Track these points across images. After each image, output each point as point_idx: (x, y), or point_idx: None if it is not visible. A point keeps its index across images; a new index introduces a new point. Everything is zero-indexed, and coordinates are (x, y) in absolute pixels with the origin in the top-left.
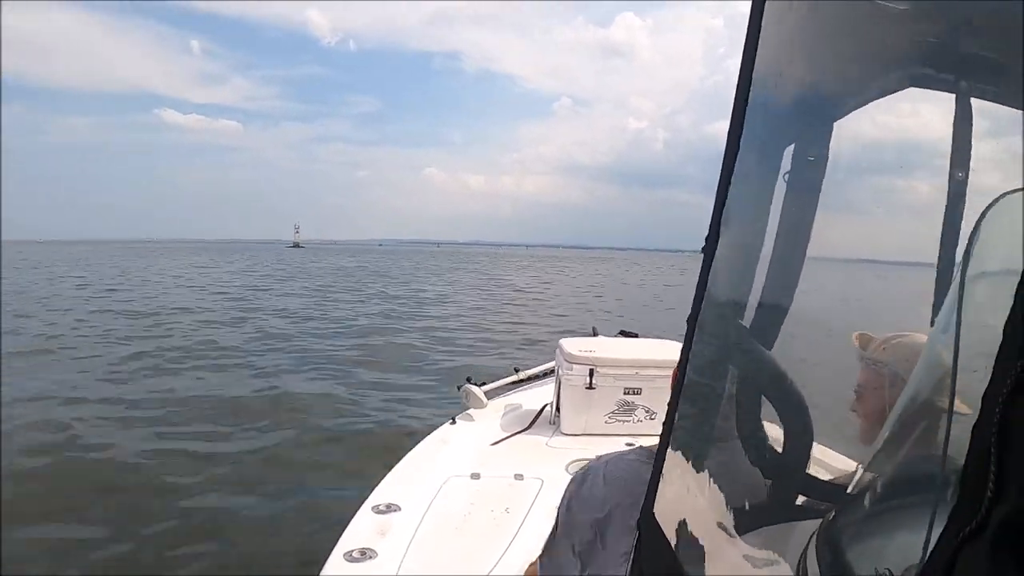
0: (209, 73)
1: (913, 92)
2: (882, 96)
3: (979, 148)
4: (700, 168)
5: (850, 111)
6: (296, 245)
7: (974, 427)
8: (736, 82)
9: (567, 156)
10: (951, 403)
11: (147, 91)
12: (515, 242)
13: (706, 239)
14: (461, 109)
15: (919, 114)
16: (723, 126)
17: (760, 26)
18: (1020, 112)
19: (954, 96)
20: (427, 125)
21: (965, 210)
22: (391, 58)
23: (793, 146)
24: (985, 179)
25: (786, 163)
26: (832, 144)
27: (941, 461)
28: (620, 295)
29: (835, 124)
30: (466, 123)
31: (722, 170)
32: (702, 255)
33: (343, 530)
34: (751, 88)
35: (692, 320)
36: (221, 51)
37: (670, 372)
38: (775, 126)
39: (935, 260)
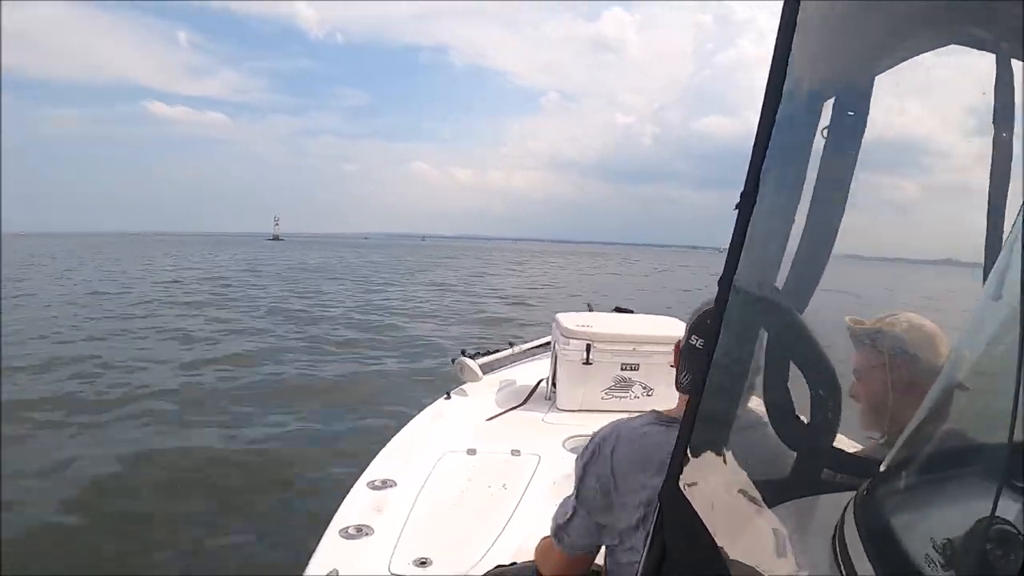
0: (196, 65)
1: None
2: (923, 52)
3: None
4: (689, 164)
5: (892, 66)
6: (276, 238)
7: None
8: (776, 34)
9: (556, 151)
10: (1019, 378)
11: (133, 83)
12: (504, 236)
13: (742, 195)
14: (450, 103)
15: (906, 112)
16: (712, 121)
17: None
18: None
19: (995, 56)
20: (416, 119)
21: (1012, 171)
22: (380, 52)
23: (833, 100)
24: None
25: (825, 118)
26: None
27: (1009, 431)
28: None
29: (876, 79)
30: (454, 117)
31: (760, 122)
32: (736, 211)
33: (338, 506)
34: (793, 40)
35: (725, 281)
36: (208, 43)
37: (669, 348)
38: (815, 80)
39: (921, 255)
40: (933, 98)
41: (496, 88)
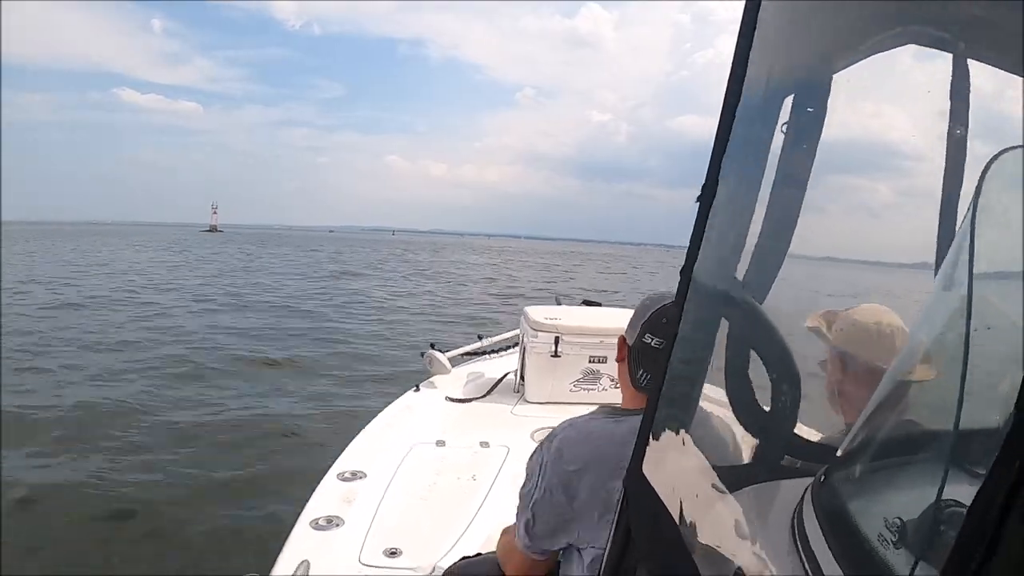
0: (169, 52)
1: (882, 92)
2: (881, 51)
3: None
4: (662, 162)
5: (849, 64)
6: (213, 229)
7: (1021, 392)
8: (738, 31)
9: (530, 147)
10: (964, 364)
11: (104, 69)
12: (476, 231)
13: (703, 188)
14: (425, 96)
15: (882, 115)
16: (688, 121)
17: None
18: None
19: (951, 56)
20: (390, 112)
21: (965, 170)
22: (356, 43)
23: (792, 96)
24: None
25: (784, 114)
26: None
27: (955, 417)
28: None
29: (834, 77)
30: (429, 110)
31: (721, 118)
32: (697, 204)
33: (308, 498)
34: (753, 38)
35: (686, 272)
36: (182, 30)
37: None
38: (773, 77)
39: (894, 258)
40: (892, 97)
41: (472, 82)
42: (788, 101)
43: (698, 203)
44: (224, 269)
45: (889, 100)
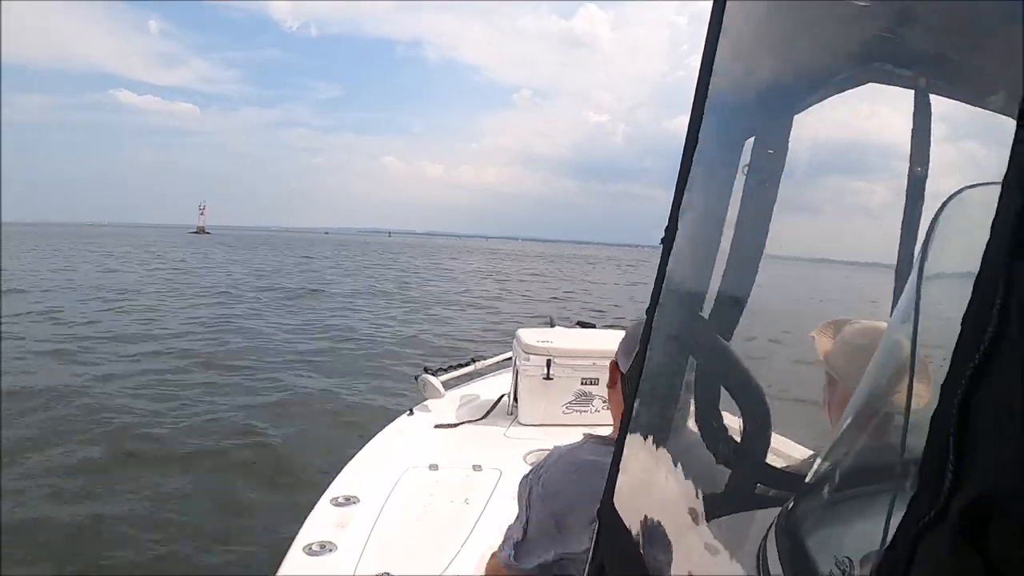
0: (166, 53)
1: (874, 94)
2: (842, 91)
3: (935, 150)
4: (659, 163)
5: (810, 105)
6: (201, 231)
7: (933, 417)
8: (697, 75)
9: (527, 148)
10: (909, 394)
11: (101, 70)
12: (473, 233)
13: (666, 230)
14: (422, 97)
15: (878, 115)
16: (684, 121)
17: (722, 20)
18: (976, 110)
19: (913, 92)
20: (388, 113)
21: (924, 206)
22: (354, 44)
23: (753, 139)
24: (942, 182)
25: (746, 156)
26: (792, 140)
27: (899, 451)
28: None
29: (795, 118)
30: (427, 112)
31: (682, 161)
32: (661, 246)
33: (302, 523)
34: (712, 80)
35: (651, 311)
36: (179, 32)
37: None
38: (735, 118)
39: (892, 259)
40: (852, 134)
41: (469, 83)
42: (749, 143)
43: (661, 244)
44: (165, 288)
45: (850, 138)
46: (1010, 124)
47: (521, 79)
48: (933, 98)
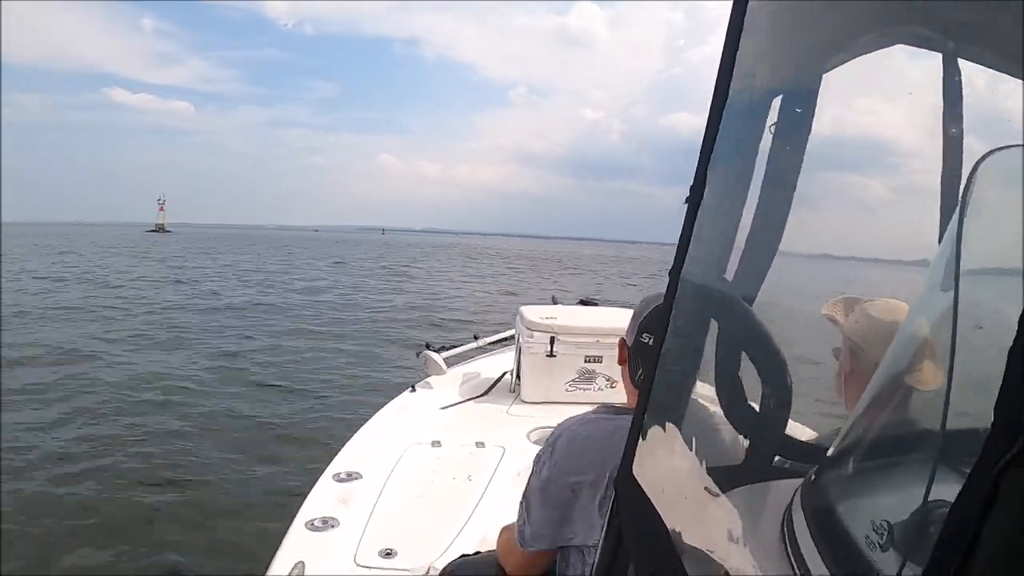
0: (161, 52)
1: (872, 88)
2: (870, 51)
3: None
4: (655, 160)
5: (838, 64)
6: (160, 229)
7: (1010, 351)
8: (725, 34)
9: (523, 146)
10: (952, 360)
11: (95, 69)
12: (471, 230)
13: (691, 188)
14: (419, 96)
15: (876, 112)
16: (681, 118)
17: None
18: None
19: (941, 56)
20: (385, 112)
21: (963, 168)
22: (351, 43)
23: (780, 97)
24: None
25: (773, 115)
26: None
27: (942, 417)
28: None
29: (823, 77)
30: (423, 110)
31: (709, 118)
32: (686, 206)
33: (304, 499)
34: (741, 39)
35: (675, 273)
36: (173, 30)
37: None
38: (763, 76)
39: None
40: (882, 96)
41: (466, 81)
42: (776, 101)
43: (686, 204)
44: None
45: (879, 99)
46: None
47: (517, 77)
48: (961, 63)
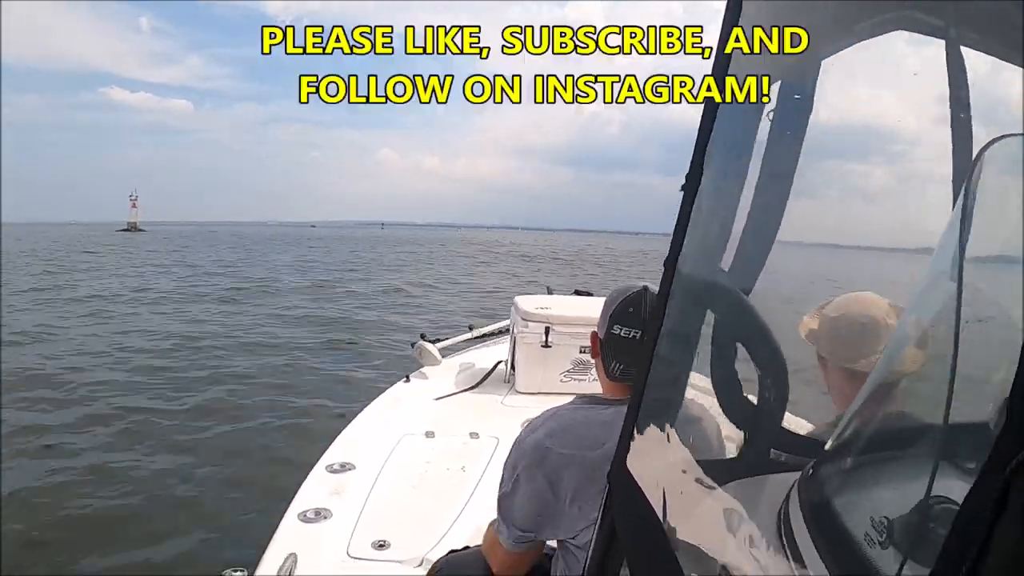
0: (158, 51)
1: (871, 81)
2: (871, 37)
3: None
4: (656, 151)
5: (839, 50)
6: (132, 228)
7: (1022, 355)
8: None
9: (521, 139)
10: (955, 354)
11: (92, 69)
12: (473, 224)
13: (687, 176)
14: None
15: (880, 100)
16: (680, 110)
17: None
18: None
19: (943, 43)
20: (383, 107)
21: (972, 153)
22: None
23: (779, 83)
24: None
25: (771, 101)
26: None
27: (944, 411)
28: None
29: (822, 63)
30: (422, 104)
31: (705, 106)
32: (682, 192)
33: (297, 490)
34: (738, 21)
35: (670, 263)
36: (170, 29)
37: None
38: (761, 61)
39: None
40: (882, 83)
41: (463, 73)
42: (775, 88)
43: (682, 192)
44: None
45: (880, 85)
46: None
47: (514, 69)
48: (964, 50)
